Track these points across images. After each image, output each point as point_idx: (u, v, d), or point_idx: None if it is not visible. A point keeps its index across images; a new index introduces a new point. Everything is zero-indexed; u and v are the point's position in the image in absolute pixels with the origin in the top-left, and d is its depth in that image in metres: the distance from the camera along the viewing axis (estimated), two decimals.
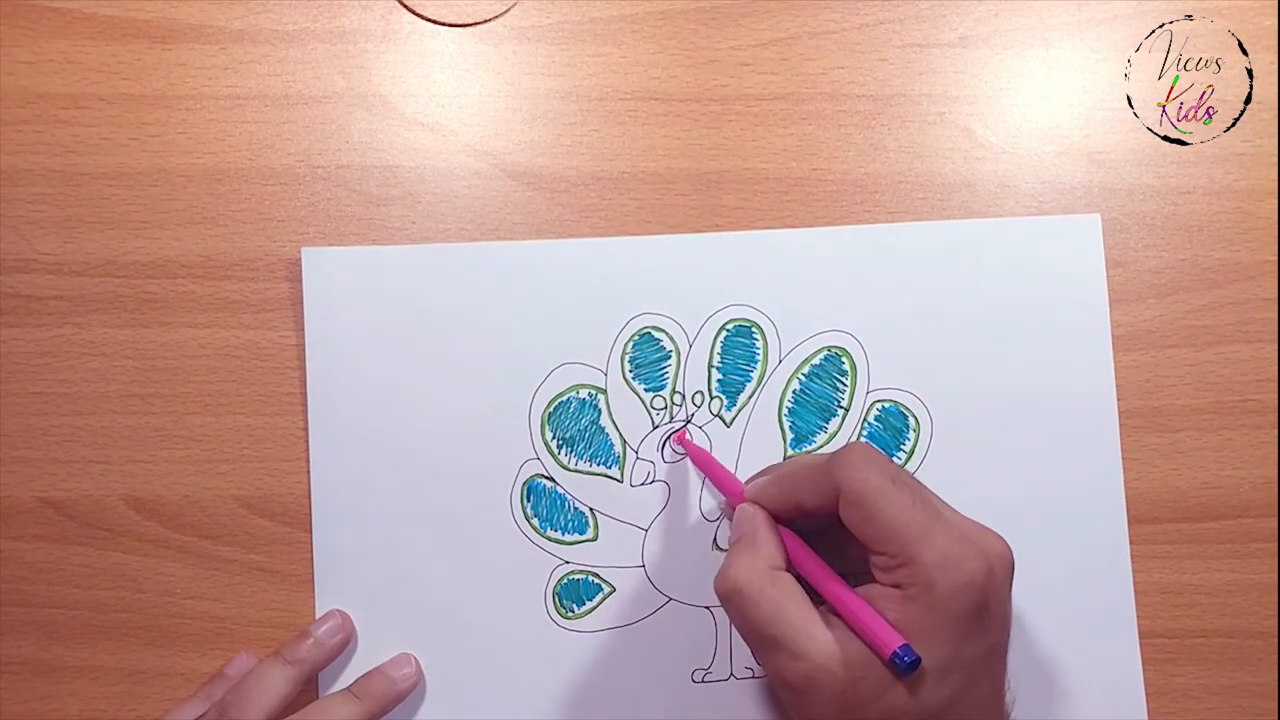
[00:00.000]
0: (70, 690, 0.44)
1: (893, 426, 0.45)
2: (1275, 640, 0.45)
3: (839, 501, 0.35)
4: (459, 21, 0.46)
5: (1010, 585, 0.35)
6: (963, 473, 0.45)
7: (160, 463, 0.44)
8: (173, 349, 0.45)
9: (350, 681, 0.43)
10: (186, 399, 0.45)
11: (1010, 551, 0.35)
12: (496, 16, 0.46)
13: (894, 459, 0.45)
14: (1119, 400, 0.45)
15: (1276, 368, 0.46)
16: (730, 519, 0.40)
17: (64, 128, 0.45)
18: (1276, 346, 0.46)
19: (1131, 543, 0.45)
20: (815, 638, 0.34)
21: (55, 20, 0.45)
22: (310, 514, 0.44)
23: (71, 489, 0.44)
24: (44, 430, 0.44)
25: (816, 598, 0.36)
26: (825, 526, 0.38)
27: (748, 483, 0.40)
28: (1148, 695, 0.44)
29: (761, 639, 0.35)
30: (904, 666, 0.32)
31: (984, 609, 0.34)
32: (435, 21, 0.46)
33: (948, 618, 0.33)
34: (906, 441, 0.45)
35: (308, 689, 0.43)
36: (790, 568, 0.37)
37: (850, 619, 0.34)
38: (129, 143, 0.45)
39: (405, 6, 0.46)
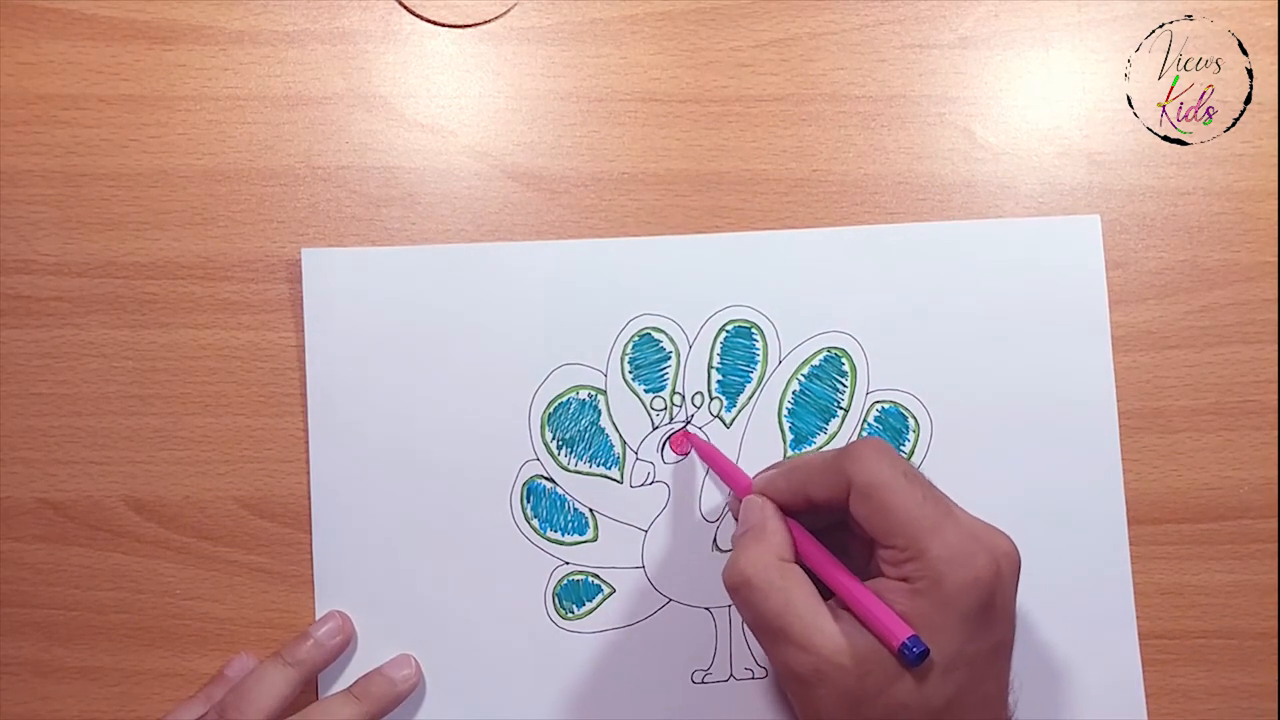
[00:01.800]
0: (70, 690, 0.44)
1: (892, 427, 0.45)
2: (1275, 641, 0.45)
3: (849, 495, 0.35)
4: (459, 22, 0.46)
5: (1016, 585, 0.35)
6: (963, 474, 0.45)
7: (160, 463, 0.45)
8: (173, 350, 0.45)
9: (350, 682, 0.43)
10: (186, 400, 0.45)
11: (1017, 551, 0.35)
12: (496, 17, 0.46)
13: None
14: (1119, 401, 0.45)
15: (1276, 368, 0.46)
16: (735, 513, 0.40)
17: (64, 128, 0.45)
18: (1276, 347, 0.46)
19: (1131, 543, 0.45)
20: (823, 630, 0.34)
21: (55, 21, 0.45)
22: (310, 514, 0.44)
23: (71, 490, 0.44)
24: (44, 431, 0.44)
25: (824, 592, 0.36)
26: (827, 526, 0.38)
27: (756, 476, 0.40)
28: (1148, 695, 0.44)
29: (770, 631, 0.35)
30: (912, 657, 0.32)
31: (990, 606, 0.34)
32: (435, 22, 0.46)
33: (955, 613, 0.33)
34: (906, 442, 0.45)
35: (308, 690, 0.43)
36: (798, 559, 0.37)
37: (858, 610, 0.34)
38: (129, 143, 0.45)
39: (405, 7, 0.46)
